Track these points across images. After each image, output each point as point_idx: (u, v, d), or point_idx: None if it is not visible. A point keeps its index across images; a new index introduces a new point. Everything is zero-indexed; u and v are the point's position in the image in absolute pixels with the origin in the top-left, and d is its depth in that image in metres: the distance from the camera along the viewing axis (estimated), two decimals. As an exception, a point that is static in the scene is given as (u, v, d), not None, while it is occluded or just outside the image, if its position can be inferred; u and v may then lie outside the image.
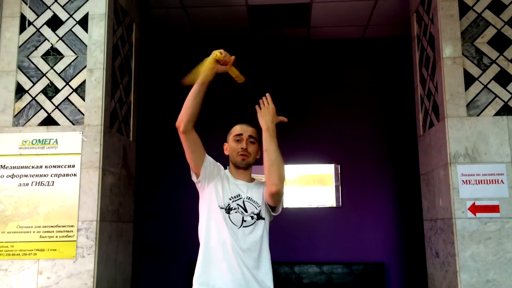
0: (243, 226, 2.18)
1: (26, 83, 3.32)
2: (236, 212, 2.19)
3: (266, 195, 2.20)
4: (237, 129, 2.30)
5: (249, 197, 2.24)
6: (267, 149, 2.12)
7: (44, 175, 3.17)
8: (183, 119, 2.11)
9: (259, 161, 2.27)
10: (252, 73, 4.91)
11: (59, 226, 3.10)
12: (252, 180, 2.32)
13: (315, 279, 4.54)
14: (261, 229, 2.20)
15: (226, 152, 2.33)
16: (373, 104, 4.93)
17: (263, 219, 2.22)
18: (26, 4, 3.40)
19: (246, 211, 2.20)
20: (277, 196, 2.15)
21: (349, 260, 4.62)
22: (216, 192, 2.22)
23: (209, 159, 2.24)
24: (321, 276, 4.55)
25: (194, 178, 2.26)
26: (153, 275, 4.76)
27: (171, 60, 5.10)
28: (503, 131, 3.14)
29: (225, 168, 2.33)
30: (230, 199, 2.20)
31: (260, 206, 2.23)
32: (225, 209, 2.19)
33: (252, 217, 2.20)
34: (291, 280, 4.55)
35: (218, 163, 2.30)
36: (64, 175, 3.16)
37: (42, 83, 3.32)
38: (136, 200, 4.01)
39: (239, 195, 2.23)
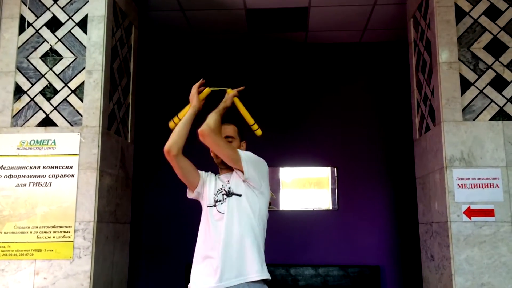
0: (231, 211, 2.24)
1: (24, 84, 3.33)
2: (222, 203, 2.26)
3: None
4: None
5: (231, 181, 2.31)
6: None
7: (42, 176, 3.17)
8: (175, 142, 2.28)
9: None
10: (250, 76, 4.96)
11: (56, 227, 3.11)
12: None
13: (311, 282, 4.55)
14: (243, 209, 2.22)
15: (212, 154, 2.41)
16: (369, 107, 4.96)
17: (240, 195, 2.25)
18: (26, 6, 3.42)
19: (228, 195, 2.28)
20: (205, 139, 2.19)
21: (345, 263, 4.63)
22: (206, 193, 2.33)
23: (202, 175, 2.37)
24: (316, 279, 4.56)
25: (190, 195, 2.40)
26: (149, 277, 4.76)
27: (169, 63, 5.12)
28: (498, 136, 3.17)
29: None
30: (215, 194, 2.30)
31: (236, 183, 2.28)
32: (212, 206, 2.28)
33: (231, 196, 2.26)
34: (287, 282, 4.56)
35: (209, 172, 2.43)
36: (61, 176, 3.17)
37: (41, 84, 3.32)
38: (134, 202, 4.02)
39: (222, 186, 2.32)
